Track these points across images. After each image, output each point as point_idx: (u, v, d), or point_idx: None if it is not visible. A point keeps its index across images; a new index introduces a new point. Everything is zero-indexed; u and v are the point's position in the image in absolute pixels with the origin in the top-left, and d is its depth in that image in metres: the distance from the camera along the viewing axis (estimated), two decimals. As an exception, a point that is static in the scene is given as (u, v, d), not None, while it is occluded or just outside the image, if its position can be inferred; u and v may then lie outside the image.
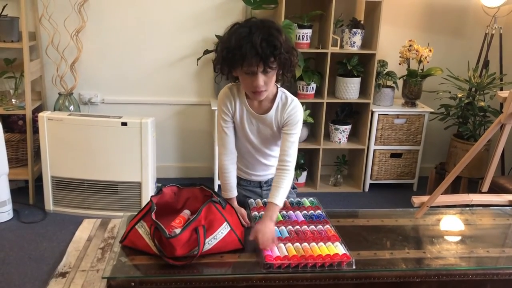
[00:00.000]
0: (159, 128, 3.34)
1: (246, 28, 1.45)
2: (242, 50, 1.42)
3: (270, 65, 1.45)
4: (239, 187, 1.78)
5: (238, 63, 1.46)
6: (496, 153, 1.61)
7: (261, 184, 1.81)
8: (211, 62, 3.56)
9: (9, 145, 3.07)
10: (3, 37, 2.98)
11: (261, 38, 1.41)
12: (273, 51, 1.43)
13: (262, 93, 1.53)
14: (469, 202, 1.75)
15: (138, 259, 1.37)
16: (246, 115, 1.63)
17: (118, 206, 2.97)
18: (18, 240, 2.70)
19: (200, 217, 1.38)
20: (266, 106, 1.62)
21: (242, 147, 1.71)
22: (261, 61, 1.43)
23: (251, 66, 1.44)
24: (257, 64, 1.44)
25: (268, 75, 1.49)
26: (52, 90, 3.34)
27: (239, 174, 1.79)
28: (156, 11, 3.33)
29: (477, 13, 3.53)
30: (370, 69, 3.35)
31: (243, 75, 1.50)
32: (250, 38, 1.42)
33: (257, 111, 1.62)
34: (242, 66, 1.46)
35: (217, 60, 1.53)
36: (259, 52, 1.41)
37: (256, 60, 1.43)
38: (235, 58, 1.45)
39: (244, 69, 1.47)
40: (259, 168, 1.77)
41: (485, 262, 1.45)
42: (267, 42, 1.42)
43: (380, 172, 3.57)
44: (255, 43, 1.41)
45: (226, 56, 1.47)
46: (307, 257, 1.34)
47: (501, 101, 1.55)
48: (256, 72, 1.46)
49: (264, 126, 1.64)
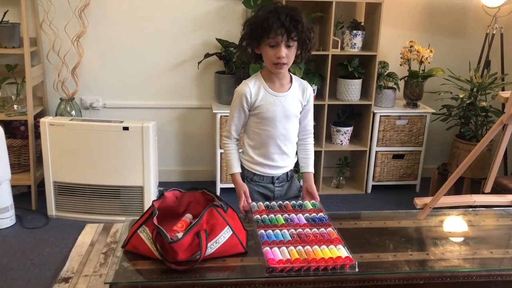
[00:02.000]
0: (160, 132, 3.34)
1: (272, 7, 1.66)
2: (270, 21, 1.62)
3: (292, 37, 1.63)
4: (253, 183, 1.87)
5: (264, 33, 1.64)
6: (499, 154, 1.61)
7: (274, 180, 1.87)
8: (212, 65, 3.62)
9: (11, 151, 3.07)
10: (4, 43, 2.99)
11: (286, 13, 1.63)
12: (296, 25, 1.62)
13: (284, 66, 1.70)
14: (472, 203, 1.74)
15: (141, 264, 1.37)
16: (270, 98, 1.76)
17: (120, 211, 2.97)
18: (21, 246, 2.71)
19: (202, 221, 1.38)
20: (286, 86, 1.79)
21: (266, 134, 1.80)
22: (285, 32, 1.62)
23: (276, 35, 1.62)
24: (282, 35, 1.62)
25: (290, 49, 1.67)
26: (53, 96, 3.35)
27: (254, 169, 1.86)
28: (156, 16, 3.34)
29: (477, 13, 3.52)
30: (371, 71, 3.35)
31: (266, 49, 1.67)
32: (276, 12, 1.63)
33: (278, 91, 1.77)
34: (268, 37, 1.64)
35: (244, 36, 1.72)
36: (284, 24, 1.61)
37: (281, 30, 1.61)
38: (263, 28, 1.63)
39: (269, 41, 1.64)
40: (277, 157, 1.84)
41: (489, 263, 1.44)
42: (291, 17, 1.62)
43: (382, 173, 3.56)
44: (281, 16, 1.62)
45: (254, 29, 1.66)
46: (310, 260, 1.33)
47: (502, 101, 1.54)
48: (280, 43, 1.64)
49: (289, 105, 1.78)
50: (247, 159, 1.87)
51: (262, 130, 1.80)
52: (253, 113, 1.80)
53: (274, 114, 1.76)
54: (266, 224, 1.53)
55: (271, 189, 1.88)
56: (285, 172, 1.89)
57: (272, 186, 1.88)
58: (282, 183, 1.89)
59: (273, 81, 1.77)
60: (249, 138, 1.85)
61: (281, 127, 1.79)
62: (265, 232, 1.47)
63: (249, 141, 1.86)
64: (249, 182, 1.87)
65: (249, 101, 1.76)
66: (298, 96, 1.81)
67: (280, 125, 1.78)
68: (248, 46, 1.73)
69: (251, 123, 1.83)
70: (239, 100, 1.78)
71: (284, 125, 1.80)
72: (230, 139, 1.85)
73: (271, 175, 1.87)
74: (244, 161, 1.89)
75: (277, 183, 1.88)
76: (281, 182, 1.89)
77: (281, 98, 1.77)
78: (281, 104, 1.76)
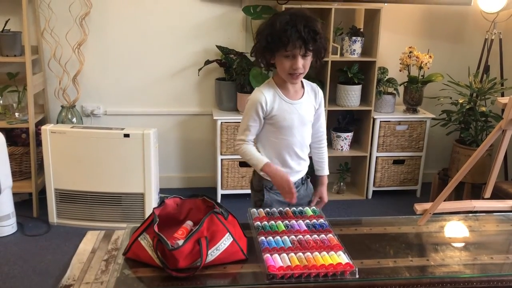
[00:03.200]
0: (161, 139, 3.35)
1: (287, 16, 1.62)
2: (288, 33, 1.58)
3: (310, 48, 1.62)
4: (272, 192, 1.84)
5: (282, 46, 1.61)
6: (498, 159, 1.61)
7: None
8: (212, 72, 3.64)
9: (12, 158, 3.08)
10: (6, 51, 3.01)
11: (303, 24, 1.59)
12: (314, 36, 1.61)
13: (299, 76, 1.69)
14: (472, 209, 1.74)
15: (141, 271, 1.37)
16: (286, 106, 1.73)
17: (121, 218, 2.97)
18: (22, 253, 2.71)
19: (202, 228, 1.38)
20: (299, 92, 1.78)
21: (283, 142, 1.77)
22: (303, 44, 1.60)
23: (295, 48, 1.60)
24: (300, 47, 1.60)
25: (306, 59, 1.66)
26: (54, 103, 3.36)
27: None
28: (156, 23, 3.36)
29: (476, 18, 3.54)
30: (370, 76, 3.36)
31: (282, 60, 1.65)
32: (293, 23, 1.59)
33: (293, 99, 1.75)
34: (286, 49, 1.61)
35: (259, 47, 1.68)
36: (303, 35, 1.58)
37: (299, 42, 1.59)
38: (281, 41, 1.60)
39: (287, 52, 1.62)
40: (294, 163, 1.82)
41: (489, 269, 1.44)
42: (308, 27, 1.60)
43: (383, 179, 3.56)
44: (299, 27, 1.58)
45: (270, 41, 1.62)
46: (310, 266, 1.33)
47: (501, 107, 1.55)
48: (297, 55, 1.62)
49: (304, 112, 1.77)
50: None
51: (279, 139, 1.77)
52: (269, 122, 1.75)
53: (291, 122, 1.74)
54: (266, 230, 1.54)
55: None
56: (300, 177, 1.88)
57: None
58: (298, 188, 1.86)
59: (287, 88, 1.75)
60: (265, 147, 1.81)
61: (298, 135, 1.77)
62: (266, 239, 1.48)
63: (265, 150, 1.81)
64: (268, 191, 1.84)
65: (265, 109, 1.72)
66: (311, 100, 1.80)
67: (297, 132, 1.76)
68: (262, 56, 1.69)
69: (266, 133, 1.78)
70: (255, 108, 1.72)
71: (301, 132, 1.78)
72: (246, 141, 1.77)
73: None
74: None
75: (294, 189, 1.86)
76: (297, 186, 1.85)
77: (296, 106, 1.75)
78: (297, 111, 1.75)
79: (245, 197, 3.46)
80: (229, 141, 3.30)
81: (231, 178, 3.40)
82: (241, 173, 3.39)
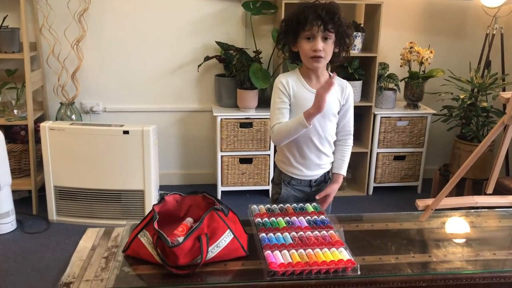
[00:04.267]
0: (161, 136, 3.34)
1: (309, 3, 1.67)
2: (305, 13, 1.62)
3: (329, 29, 1.62)
4: (290, 186, 1.84)
5: (300, 26, 1.63)
6: (500, 155, 1.60)
7: (311, 183, 1.86)
8: (211, 68, 3.62)
9: (11, 155, 3.07)
10: (4, 48, 2.99)
11: (323, 6, 1.63)
12: (332, 17, 1.62)
13: (321, 60, 1.67)
14: (474, 205, 1.73)
15: (141, 269, 1.36)
16: (307, 94, 1.71)
17: (121, 215, 2.96)
18: (22, 251, 2.70)
19: (202, 225, 1.37)
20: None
21: (302, 135, 1.72)
22: (322, 23, 1.61)
23: (312, 27, 1.61)
24: (318, 26, 1.61)
25: (327, 43, 1.65)
26: (53, 100, 3.35)
27: (292, 173, 1.84)
28: (156, 19, 3.34)
29: (477, 13, 3.52)
30: (371, 72, 3.34)
31: (303, 43, 1.66)
32: (314, 7, 1.63)
33: (316, 88, 1.69)
34: (304, 29, 1.63)
35: (281, 32, 1.71)
36: (320, 15, 1.61)
37: (317, 22, 1.60)
38: (298, 21, 1.63)
39: (305, 33, 1.64)
40: (314, 156, 1.79)
41: (491, 265, 1.44)
42: (327, 9, 1.63)
43: (383, 175, 3.55)
44: (317, 9, 1.62)
45: (290, 23, 1.66)
46: (311, 263, 1.32)
47: (503, 102, 1.54)
48: (316, 34, 1.62)
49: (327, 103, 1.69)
50: (283, 160, 1.84)
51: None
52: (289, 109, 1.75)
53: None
54: (267, 227, 1.53)
55: (307, 192, 1.86)
56: (322, 173, 1.86)
57: (310, 189, 1.86)
58: (318, 186, 1.86)
59: (310, 78, 1.74)
60: None
61: (317, 125, 1.74)
62: (266, 236, 1.47)
63: None
64: (286, 186, 1.84)
65: (287, 89, 1.71)
66: (337, 94, 1.77)
67: (316, 123, 1.72)
68: (287, 40, 1.70)
69: None
70: (278, 89, 1.72)
71: (321, 124, 1.74)
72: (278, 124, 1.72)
73: (309, 177, 1.83)
74: (280, 164, 1.86)
75: (314, 186, 1.86)
76: (318, 184, 1.85)
77: None
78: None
79: (245, 194, 3.45)
80: (229, 138, 3.29)
81: (231, 175, 3.39)
82: (241, 170, 3.38)
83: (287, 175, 1.84)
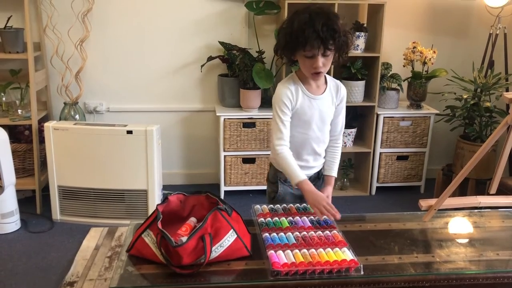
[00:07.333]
0: (164, 136, 3.35)
1: (306, 14, 1.59)
2: (305, 34, 1.56)
3: (329, 47, 1.59)
4: (286, 184, 1.85)
5: (300, 46, 1.59)
6: (504, 155, 1.60)
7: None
8: (215, 68, 3.62)
9: (15, 155, 3.08)
10: (8, 48, 3.00)
11: (322, 23, 1.56)
12: (332, 34, 1.57)
13: (321, 74, 1.68)
14: (477, 205, 1.73)
15: (145, 268, 1.37)
16: (307, 100, 1.72)
17: (125, 214, 2.97)
18: (26, 250, 2.71)
19: (206, 225, 1.38)
20: (322, 87, 1.76)
21: (300, 137, 1.76)
22: (321, 44, 1.57)
23: (313, 48, 1.57)
24: (318, 47, 1.57)
25: (327, 58, 1.63)
26: (57, 100, 3.36)
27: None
28: (159, 19, 3.35)
29: (480, 13, 3.51)
30: (374, 72, 3.34)
31: (303, 58, 1.63)
32: (312, 23, 1.56)
33: (315, 94, 1.73)
34: (304, 49, 1.59)
35: (279, 45, 1.68)
36: (321, 36, 1.55)
37: (317, 43, 1.56)
38: (298, 42, 1.59)
39: (306, 52, 1.60)
40: (311, 158, 1.82)
41: (495, 265, 1.44)
42: (327, 26, 1.56)
43: (386, 175, 3.55)
44: (317, 27, 1.55)
45: (289, 40, 1.62)
46: (315, 263, 1.33)
47: (507, 102, 1.54)
48: (317, 54, 1.59)
49: (325, 108, 1.75)
50: None
51: (298, 133, 1.76)
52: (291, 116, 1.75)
53: (311, 117, 1.73)
54: (270, 227, 1.53)
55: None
56: (316, 171, 1.88)
57: None
58: (313, 182, 1.83)
59: (309, 83, 1.73)
60: None
61: (316, 130, 1.76)
62: (270, 235, 1.47)
63: None
64: (283, 184, 1.85)
65: (293, 102, 1.70)
66: (333, 96, 1.78)
67: (316, 127, 1.76)
68: (285, 54, 1.68)
69: None
70: (284, 103, 1.69)
71: (320, 128, 1.77)
72: (285, 142, 1.71)
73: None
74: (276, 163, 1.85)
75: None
76: (313, 181, 1.84)
77: (318, 101, 1.73)
78: (318, 107, 1.73)
79: (248, 194, 3.45)
80: (232, 138, 3.30)
81: (234, 175, 3.39)
82: (244, 170, 3.39)
83: (283, 173, 1.83)
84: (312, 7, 1.62)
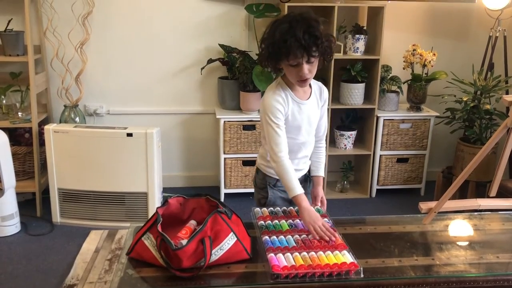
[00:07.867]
0: (164, 138, 3.35)
1: (286, 24, 1.56)
2: (287, 43, 1.54)
3: (313, 54, 1.57)
4: (275, 189, 1.84)
5: (283, 56, 1.58)
6: (503, 158, 1.60)
7: None
8: (214, 71, 3.62)
9: (16, 158, 3.09)
10: (8, 51, 3.01)
11: (303, 30, 1.53)
12: (315, 41, 1.55)
13: (308, 81, 1.67)
14: (477, 207, 1.73)
15: (145, 271, 1.36)
16: (296, 106, 1.72)
17: (125, 217, 2.97)
18: (26, 253, 2.71)
19: (206, 228, 1.38)
20: (307, 92, 1.76)
21: (290, 142, 1.74)
22: (305, 52, 1.55)
23: (296, 57, 1.56)
24: (302, 55, 1.56)
25: (312, 64, 1.61)
26: (57, 103, 3.36)
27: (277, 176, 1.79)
28: (159, 22, 3.35)
29: (480, 16, 3.52)
30: (374, 75, 3.34)
31: (288, 67, 1.62)
32: (293, 32, 1.53)
33: (303, 99, 1.73)
34: (288, 59, 1.58)
35: (263, 56, 1.66)
36: (303, 44, 1.53)
37: (301, 51, 1.54)
38: (281, 52, 1.57)
39: (290, 62, 1.58)
40: (299, 161, 1.82)
41: (495, 268, 1.43)
42: (308, 34, 1.54)
43: (386, 177, 3.55)
44: (298, 36, 1.53)
45: (272, 51, 1.60)
46: (315, 266, 1.33)
47: (507, 105, 1.54)
48: (301, 63, 1.58)
49: (312, 112, 1.76)
50: (269, 165, 1.80)
51: (288, 138, 1.72)
52: None
53: (301, 122, 1.73)
54: (270, 230, 1.53)
55: None
56: (303, 174, 1.88)
57: None
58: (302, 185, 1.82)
59: (296, 89, 1.72)
60: None
61: (305, 134, 1.77)
62: (270, 238, 1.47)
63: None
64: (272, 188, 1.84)
65: (286, 108, 1.68)
66: (318, 100, 1.79)
67: (304, 132, 1.76)
68: (269, 64, 1.66)
69: None
70: (278, 111, 1.66)
71: (309, 132, 1.78)
72: (286, 154, 1.68)
73: None
74: (265, 168, 1.84)
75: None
76: (301, 183, 1.81)
77: (306, 106, 1.73)
78: (306, 111, 1.74)
79: (248, 196, 3.45)
80: (232, 140, 3.30)
81: (234, 177, 3.39)
82: (244, 172, 3.38)
83: (272, 177, 1.83)
84: (291, 14, 1.59)
